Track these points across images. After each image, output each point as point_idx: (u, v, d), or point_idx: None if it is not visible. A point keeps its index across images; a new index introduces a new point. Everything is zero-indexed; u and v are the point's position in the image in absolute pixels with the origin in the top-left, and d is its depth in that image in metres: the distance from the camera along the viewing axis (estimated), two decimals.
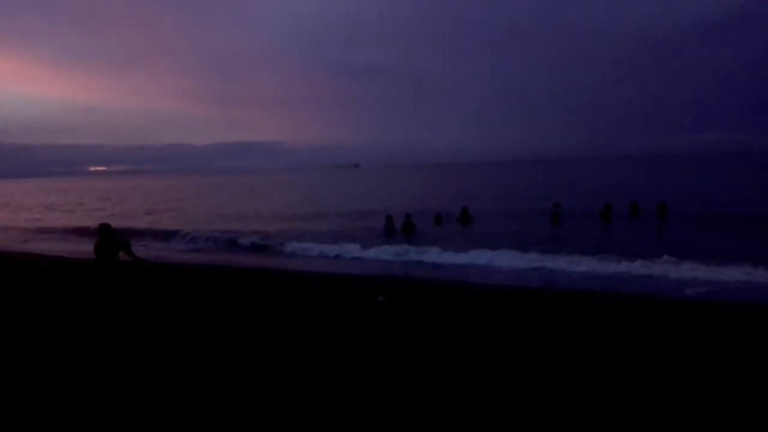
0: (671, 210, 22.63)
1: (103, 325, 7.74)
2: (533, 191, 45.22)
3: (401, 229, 20.61)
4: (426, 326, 7.56)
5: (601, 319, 7.98)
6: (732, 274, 11.69)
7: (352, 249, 17.31)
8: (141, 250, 15.06)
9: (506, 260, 14.56)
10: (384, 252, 16.64)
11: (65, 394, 5.24)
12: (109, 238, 8.57)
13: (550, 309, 8.74)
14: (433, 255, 15.80)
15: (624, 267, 12.92)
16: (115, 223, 9.73)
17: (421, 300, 9.50)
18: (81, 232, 25.49)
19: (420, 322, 7.81)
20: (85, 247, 17.13)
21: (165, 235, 23.42)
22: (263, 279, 12.39)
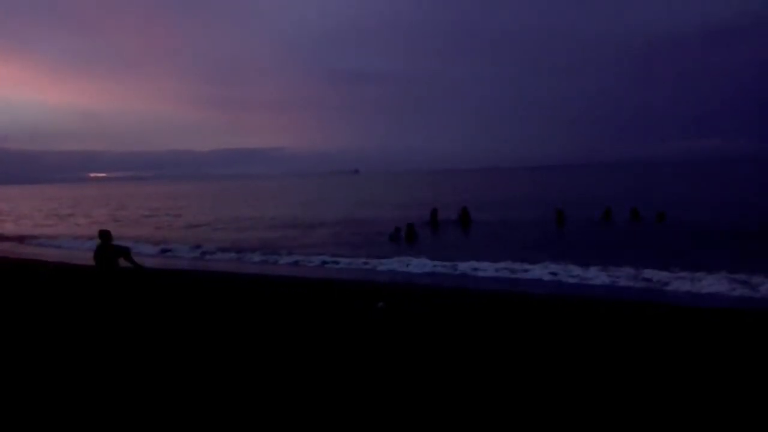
0: (670, 216, 22.67)
1: (103, 330, 7.75)
2: (534, 196, 45.29)
3: (405, 236, 20.85)
4: (426, 331, 7.58)
5: (598, 323, 8.00)
6: (725, 280, 11.69)
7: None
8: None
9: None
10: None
11: (66, 398, 5.26)
12: (109, 245, 8.59)
13: (549, 313, 8.75)
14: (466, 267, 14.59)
15: (624, 273, 12.90)
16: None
17: (421, 305, 9.51)
18: (79, 238, 25.55)
19: (420, 327, 7.83)
20: (84, 254, 17.15)
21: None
22: (263, 285, 12.39)
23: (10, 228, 34.06)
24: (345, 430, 4.56)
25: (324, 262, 17.01)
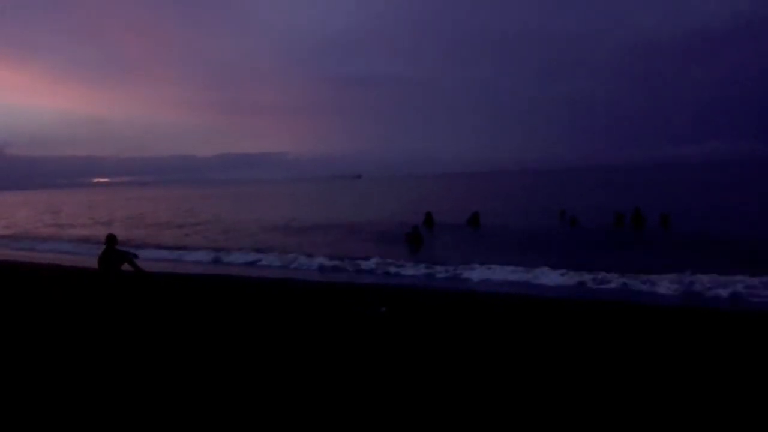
0: (674, 221, 22.54)
1: (101, 333, 7.73)
2: (538, 199, 45.11)
3: (410, 239, 20.82)
4: (429, 336, 7.53)
5: (606, 327, 7.94)
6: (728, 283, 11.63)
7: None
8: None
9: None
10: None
11: (63, 400, 5.23)
12: (114, 249, 8.60)
13: (557, 317, 8.70)
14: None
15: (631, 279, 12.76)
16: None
17: (424, 309, 9.46)
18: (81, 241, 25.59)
19: (423, 331, 7.78)
20: (88, 257, 17.15)
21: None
22: (264, 288, 12.36)
23: (9, 232, 34.13)
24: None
25: (325, 266, 16.98)
